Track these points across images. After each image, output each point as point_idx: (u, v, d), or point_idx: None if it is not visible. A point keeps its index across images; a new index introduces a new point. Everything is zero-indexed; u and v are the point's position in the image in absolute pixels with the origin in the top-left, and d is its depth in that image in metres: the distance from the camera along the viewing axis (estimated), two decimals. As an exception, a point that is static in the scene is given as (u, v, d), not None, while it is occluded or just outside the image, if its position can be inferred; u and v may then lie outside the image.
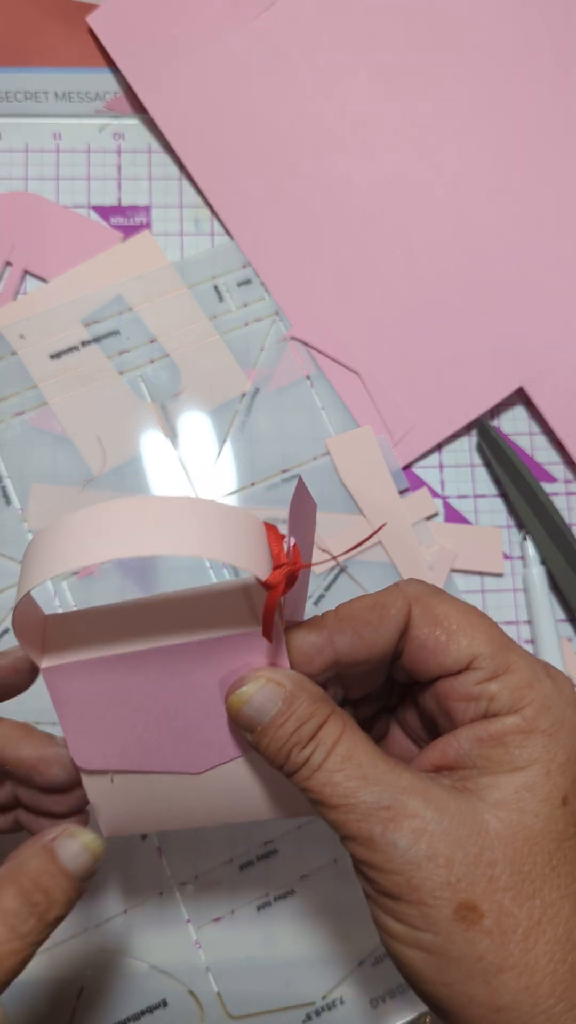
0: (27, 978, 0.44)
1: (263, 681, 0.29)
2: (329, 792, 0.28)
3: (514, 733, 0.29)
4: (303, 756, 0.28)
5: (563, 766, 0.28)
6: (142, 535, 0.26)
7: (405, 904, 0.27)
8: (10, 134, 0.52)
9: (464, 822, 0.27)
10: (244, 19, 0.52)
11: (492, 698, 0.29)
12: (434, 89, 0.52)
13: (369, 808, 0.28)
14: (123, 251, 0.51)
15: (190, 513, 0.27)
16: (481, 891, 0.27)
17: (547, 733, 0.29)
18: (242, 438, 0.50)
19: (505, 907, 0.27)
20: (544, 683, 0.29)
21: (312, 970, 0.45)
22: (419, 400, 0.50)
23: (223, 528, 0.27)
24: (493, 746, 0.29)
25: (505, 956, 0.27)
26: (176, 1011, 0.45)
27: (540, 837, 0.28)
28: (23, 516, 0.48)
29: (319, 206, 0.51)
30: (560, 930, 0.27)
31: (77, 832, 0.31)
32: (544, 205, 0.51)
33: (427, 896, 0.27)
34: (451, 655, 0.30)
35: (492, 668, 0.29)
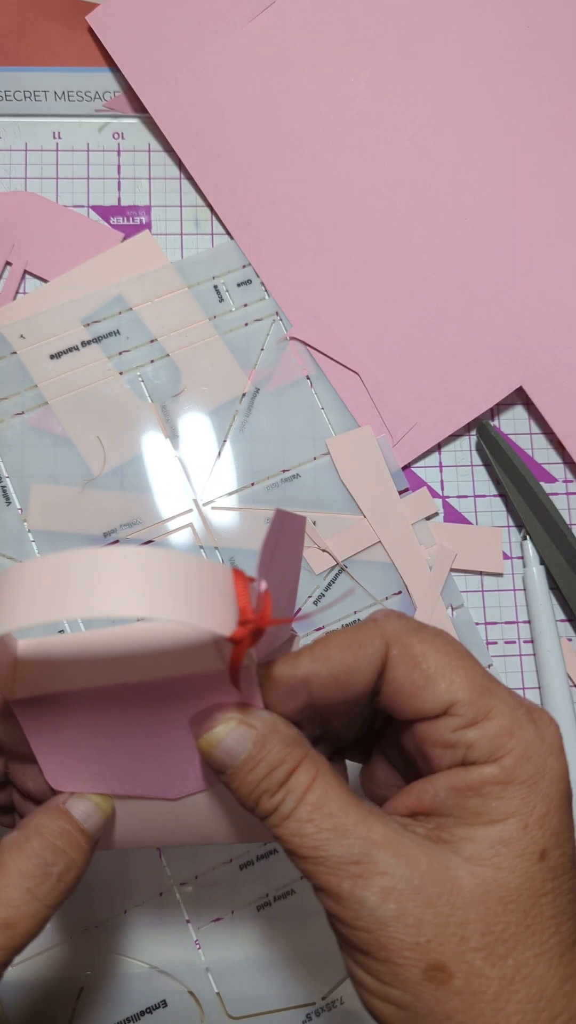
0: (27, 978, 0.44)
1: (233, 724, 0.28)
2: (298, 843, 0.27)
3: (491, 784, 0.27)
4: (272, 803, 0.28)
5: (542, 819, 0.27)
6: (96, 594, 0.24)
7: (374, 960, 0.27)
8: (10, 134, 0.52)
9: (436, 879, 0.27)
10: (244, 19, 0.52)
11: (469, 746, 0.28)
12: (434, 89, 0.52)
13: (338, 862, 0.27)
14: (123, 251, 0.51)
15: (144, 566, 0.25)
16: (451, 952, 0.26)
17: (526, 784, 0.27)
18: (242, 438, 0.50)
19: (476, 967, 0.26)
20: (526, 731, 0.28)
21: (312, 970, 0.45)
22: (419, 400, 0.50)
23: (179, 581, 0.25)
24: (470, 796, 0.28)
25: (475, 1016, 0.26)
26: (176, 1011, 0.45)
27: (515, 894, 0.27)
28: (23, 516, 0.48)
29: (319, 206, 0.51)
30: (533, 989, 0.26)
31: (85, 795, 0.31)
32: (544, 205, 0.51)
33: (395, 955, 0.26)
34: (428, 700, 0.28)
35: (471, 715, 0.28)
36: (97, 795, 0.31)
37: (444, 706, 0.28)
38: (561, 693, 0.48)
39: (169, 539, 0.48)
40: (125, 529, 0.48)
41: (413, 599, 0.49)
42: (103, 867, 0.46)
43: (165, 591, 0.24)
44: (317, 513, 0.49)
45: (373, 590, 0.49)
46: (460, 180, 0.51)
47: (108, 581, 0.24)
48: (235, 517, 0.49)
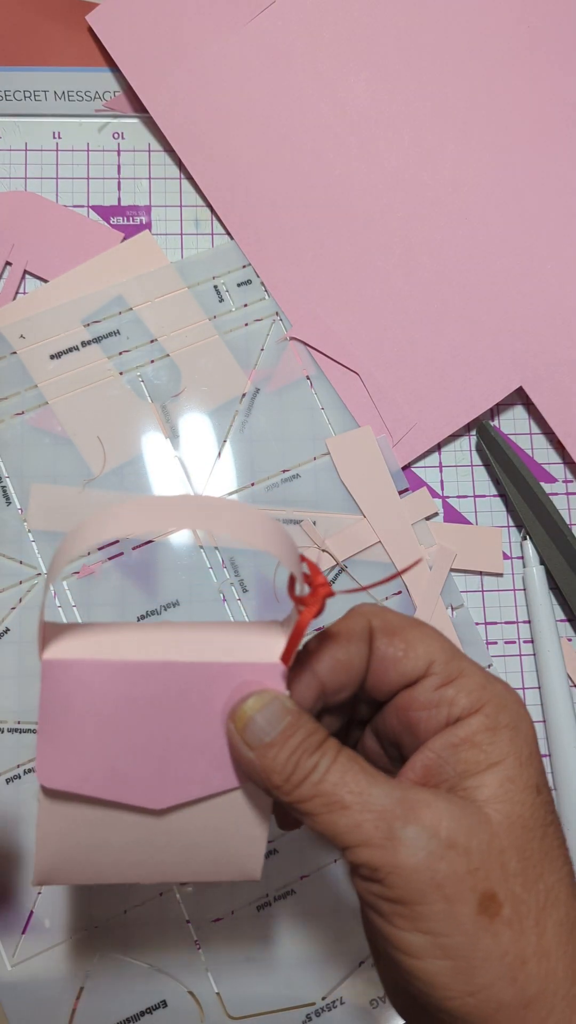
0: (27, 978, 0.44)
1: (271, 696, 0.29)
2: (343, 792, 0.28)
3: (482, 731, 0.30)
4: (312, 762, 0.28)
5: (530, 758, 0.30)
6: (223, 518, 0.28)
7: (424, 906, 0.27)
8: (10, 134, 0.52)
9: (470, 811, 0.28)
10: (244, 18, 0.52)
11: (451, 702, 0.30)
12: (434, 89, 0.52)
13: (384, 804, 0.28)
14: (123, 251, 0.51)
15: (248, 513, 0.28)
16: (497, 879, 0.27)
17: (510, 727, 0.30)
18: (242, 438, 0.50)
19: (517, 894, 0.27)
20: (495, 684, 0.31)
21: (312, 970, 0.45)
22: (419, 400, 0.50)
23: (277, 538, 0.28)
24: (467, 749, 0.29)
25: (524, 945, 0.27)
26: (176, 1011, 0.45)
27: (531, 823, 0.29)
28: (23, 516, 0.48)
29: (319, 206, 0.51)
30: (562, 912, 0.28)
31: None
32: (544, 205, 0.51)
33: (450, 890, 0.27)
34: (410, 663, 0.31)
35: (447, 673, 0.31)
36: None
37: (424, 667, 0.31)
38: (561, 693, 0.48)
39: (169, 539, 0.48)
40: (125, 529, 0.48)
41: (413, 599, 0.49)
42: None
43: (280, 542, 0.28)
44: (317, 513, 0.49)
45: (373, 590, 0.49)
46: (460, 180, 0.51)
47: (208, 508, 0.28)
48: (235, 517, 0.49)
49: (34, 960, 0.45)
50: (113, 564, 0.48)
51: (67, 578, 0.48)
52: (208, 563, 0.48)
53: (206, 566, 0.48)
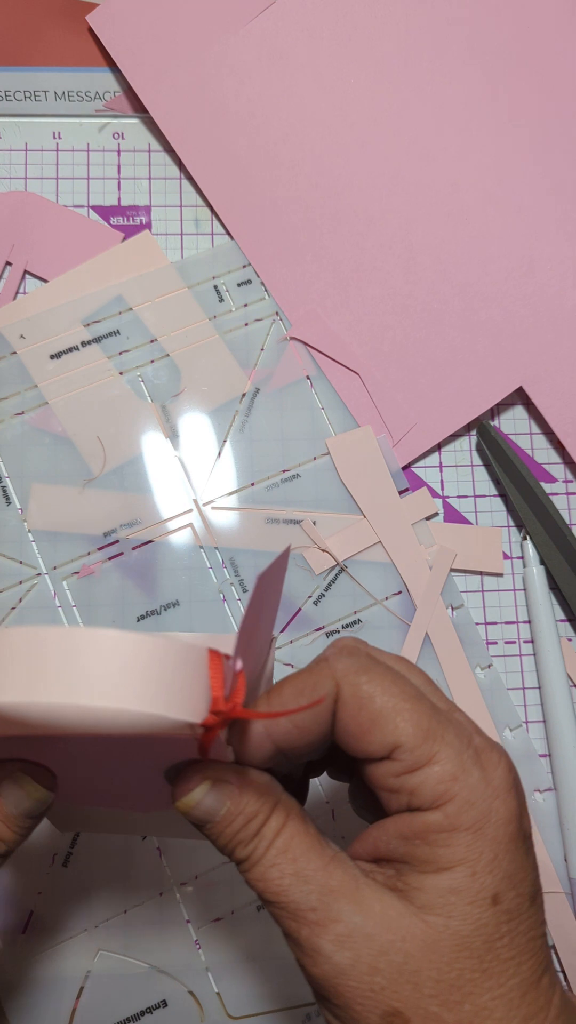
0: (27, 978, 0.44)
1: (208, 785, 0.28)
2: (263, 888, 0.28)
3: (436, 831, 0.27)
4: (245, 852, 0.28)
5: (490, 864, 0.27)
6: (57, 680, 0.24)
7: (336, 1007, 0.27)
8: (10, 134, 0.52)
9: (389, 927, 0.27)
10: (244, 19, 0.52)
11: (412, 792, 0.28)
12: (434, 89, 0.52)
13: (298, 908, 0.27)
14: (123, 251, 0.51)
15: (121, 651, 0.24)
16: (406, 998, 0.27)
17: (471, 830, 0.27)
18: (242, 438, 0.50)
19: (432, 1013, 0.27)
20: (470, 774, 0.28)
21: None
22: (419, 400, 0.50)
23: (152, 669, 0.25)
24: (417, 844, 0.28)
25: None
26: (176, 1011, 0.45)
27: (468, 941, 0.27)
28: (23, 516, 0.48)
29: (319, 206, 0.51)
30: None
31: (21, 779, 0.30)
32: (544, 205, 0.51)
33: (353, 1003, 0.27)
34: (373, 743, 0.28)
35: (412, 760, 0.28)
36: (29, 781, 0.30)
37: (388, 749, 0.28)
38: (561, 693, 0.48)
39: (169, 539, 0.48)
40: (125, 529, 0.48)
41: (413, 599, 0.49)
42: (103, 867, 0.46)
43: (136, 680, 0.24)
44: (317, 513, 0.49)
45: (373, 590, 0.49)
46: (460, 180, 0.51)
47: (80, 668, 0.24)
48: (235, 517, 0.49)
49: (34, 959, 0.45)
50: (113, 564, 0.48)
51: (67, 578, 0.48)
52: (208, 563, 0.48)
53: (206, 566, 0.48)
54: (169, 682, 0.24)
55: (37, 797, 0.30)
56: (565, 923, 0.46)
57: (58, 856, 0.46)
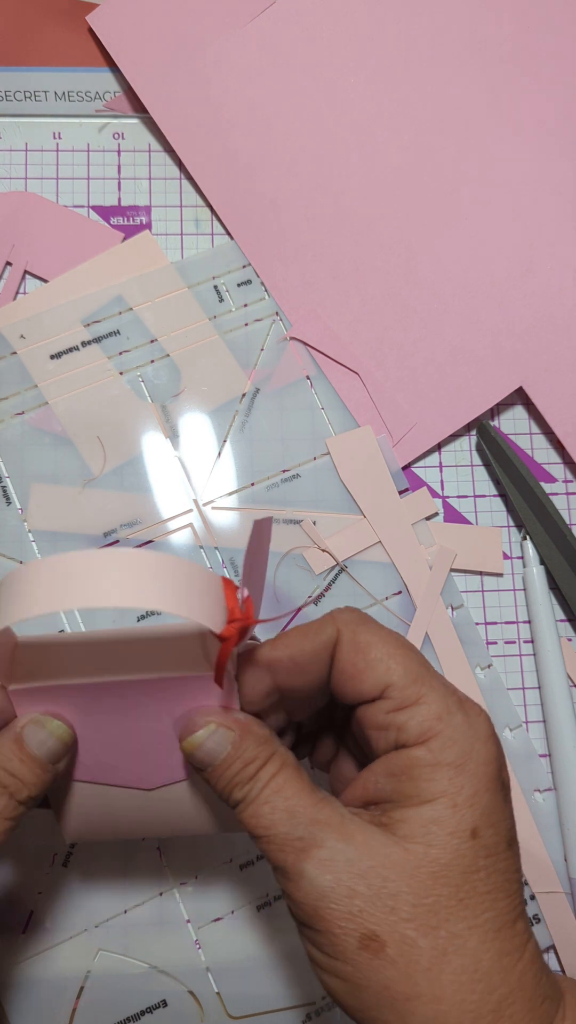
0: (27, 979, 0.44)
1: (213, 727, 0.31)
2: (254, 824, 0.30)
3: (421, 766, 0.29)
4: (242, 793, 0.30)
5: (470, 799, 0.29)
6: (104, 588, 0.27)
7: (317, 933, 0.29)
8: (10, 134, 0.52)
9: (369, 854, 0.29)
10: (244, 18, 0.52)
11: (400, 728, 0.30)
12: (434, 89, 0.52)
13: (286, 839, 0.29)
14: (123, 251, 0.51)
15: (151, 567, 0.28)
16: (382, 922, 0.28)
17: (453, 766, 0.29)
18: (242, 438, 0.50)
19: (408, 937, 0.28)
20: (454, 716, 0.30)
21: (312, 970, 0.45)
22: (419, 400, 0.50)
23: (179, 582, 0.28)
24: (403, 780, 0.30)
25: (411, 985, 0.28)
26: (176, 1011, 0.45)
27: (447, 870, 0.28)
28: (23, 516, 0.48)
29: (319, 206, 0.51)
30: (467, 960, 0.28)
31: (44, 720, 0.32)
32: (544, 205, 0.51)
33: (332, 926, 0.28)
34: (367, 682, 0.31)
35: (402, 699, 0.30)
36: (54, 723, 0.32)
37: (380, 688, 0.31)
38: (561, 693, 0.48)
39: (169, 539, 0.48)
40: (125, 529, 0.48)
41: (413, 599, 0.49)
42: (103, 867, 0.46)
43: (166, 589, 0.27)
44: (317, 513, 0.49)
45: (373, 590, 0.49)
46: (460, 180, 0.51)
47: (112, 578, 0.27)
48: (235, 517, 0.49)
49: (34, 960, 0.45)
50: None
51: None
52: (208, 563, 0.49)
53: (206, 566, 0.48)
54: (190, 593, 0.28)
55: (59, 735, 0.32)
56: (565, 923, 0.46)
57: (58, 856, 0.46)
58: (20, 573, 0.28)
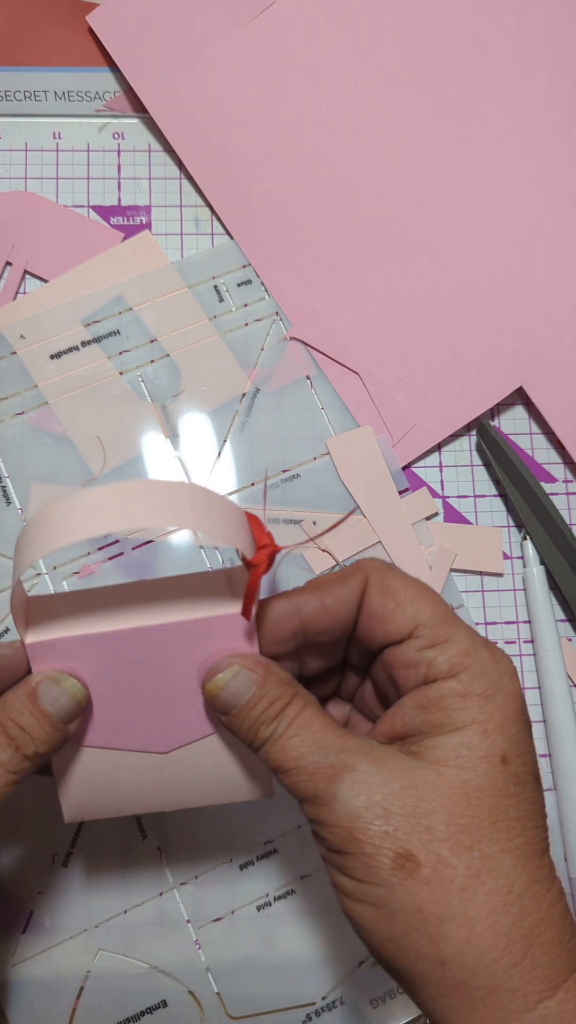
0: (27, 978, 0.44)
1: (237, 668, 0.31)
2: (283, 757, 0.30)
3: (451, 696, 0.30)
4: (268, 731, 0.31)
5: (501, 726, 0.30)
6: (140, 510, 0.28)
7: (349, 856, 0.29)
8: (10, 134, 0.52)
9: (402, 776, 0.29)
10: (244, 19, 0.52)
11: (431, 664, 0.31)
12: (434, 89, 0.52)
13: (316, 767, 0.30)
14: (123, 251, 0.51)
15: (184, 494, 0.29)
16: (418, 840, 0.28)
17: (483, 696, 0.30)
18: (242, 438, 0.50)
19: (443, 856, 0.28)
20: (481, 653, 0.31)
21: (312, 970, 0.45)
22: (419, 400, 0.50)
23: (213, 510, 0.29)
24: (433, 711, 0.30)
25: (445, 906, 0.28)
26: (176, 1012, 0.45)
27: (478, 792, 0.29)
28: (23, 516, 0.48)
29: (319, 206, 0.51)
30: (500, 882, 0.28)
31: (60, 678, 0.32)
32: (544, 205, 0.51)
33: (367, 846, 0.28)
34: (396, 623, 0.32)
35: (432, 637, 0.31)
36: (70, 680, 0.32)
37: (410, 628, 0.32)
38: (561, 693, 0.48)
39: (169, 539, 0.48)
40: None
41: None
42: (103, 867, 0.46)
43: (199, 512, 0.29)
44: (317, 513, 0.49)
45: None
46: (460, 180, 0.51)
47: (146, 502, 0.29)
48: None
49: (34, 960, 0.45)
50: (113, 564, 0.48)
51: (68, 578, 0.48)
52: (208, 563, 0.48)
53: (206, 566, 0.48)
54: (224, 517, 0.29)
55: (73, 694, 0.32)
56: (565, 923, 0.46)
57: (58, 856, 0.46)
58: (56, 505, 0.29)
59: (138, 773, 0.34)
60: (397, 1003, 0.45)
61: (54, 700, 0.31)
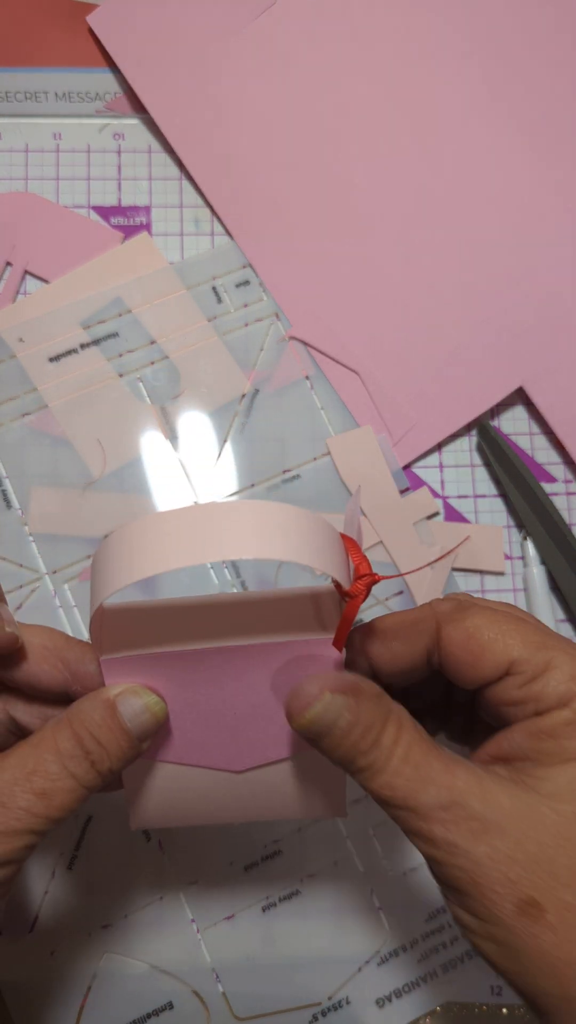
0: (32, 980, 0.44)
1: (328, 698, 0.29)
2: (389, 795, 0.29)
3: (564, 724, 0.29)
4: (366, 762, 0.29)
5: None
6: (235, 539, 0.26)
7: (470, 899, 0.28)
8: (10, 134, 0.51)
9: (521, 819, 0.28)
10: (244, 19, 0.51)
11: (538, 698, 0.29)
12: (434, 89, 0.52)
13: (429, 809, 0.28)
14: (121, 253, 0.51)
15: (279, 518, 0.27)
16: (542, 887, 0.27)
17: None
18: (242, 439, 0.50)
19: (567, 903, 0.27)
20: None
21: (317, 970, 0.46)
22: (419, 400, 0.50)
23: (310, 535, 0.27)
24: (544, 739, 0.29)
25: (570, 950, 0.27)
26: (182, 1013, 0.45)
27: None
28: (23, 519, 0.48)
29: (319, 206, 0.51)
30: None
31: (142, 692, 0.31)
32: (544, 204, 0.51)
33: (489, 892, 0.28)
34: (487, 667, 0.30)
35: (532, 670, 0.30)
36: (151, 696, 0.31)
37: (504, 668, 0.30)
38: (562, 692, 0.48)
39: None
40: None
41: (414, 599, 0.49)
42: (108, 869, 0.46)
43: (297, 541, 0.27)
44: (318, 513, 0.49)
45: (375, 590, 0.49)
46: (460, 180, 0.51)
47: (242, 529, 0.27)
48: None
49: (40, 962, 0.45)
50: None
51: (69, 581, 0.48)
52: (209, 564, 0.48)
53: (207, 567, 0.48)
54: (321, 546, 0.27)
55: (154, 711, 0.30)
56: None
57: (63, 857, 0.45)
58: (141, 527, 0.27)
59: (209, 789, 0.33)
60: (403, 1003, 0.45)
61: (134, 716, 0.30)
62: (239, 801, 0.34)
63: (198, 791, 0.33)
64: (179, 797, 0.33)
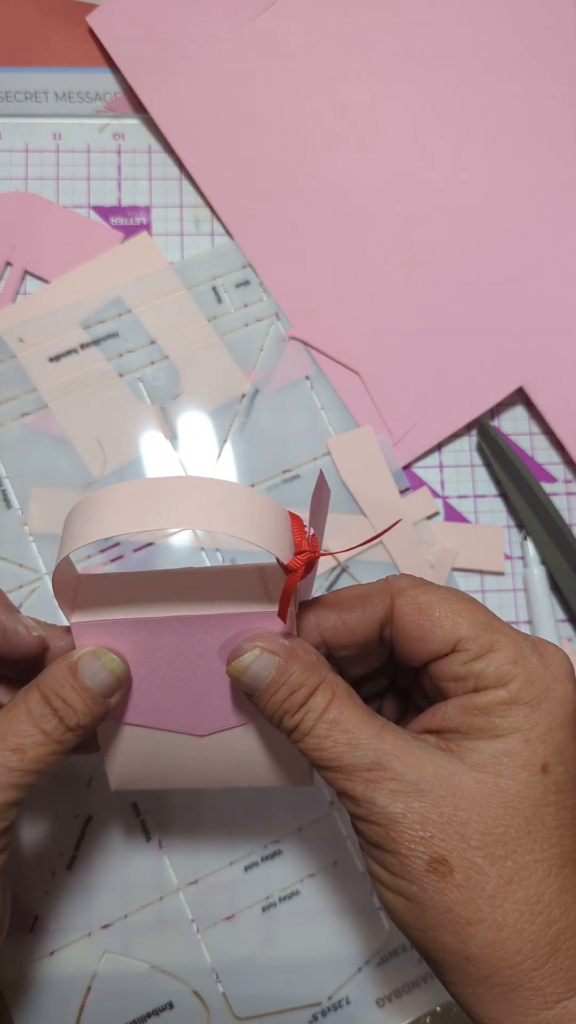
0: (33, 980, 0.44)
1: (258, 652, 0.31)
2: (318, 756, 0.30)
3: (498, 704, 0.30)
4: (294, 722, 0.31)
5: (544, 735, 0.30)
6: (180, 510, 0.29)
7: (385, 853, 0.30)
8: (10, 134, 0.51)
9: (440, 783, 0.29)
10: (244, 19, 0.51)
11: (478, 676, 0.31)
12: (434, 89, 0.52)
13: (353, 770, 0.30)
14: (121, 253, 0.51)
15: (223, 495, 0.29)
16: (453, 848, 0.29)
17: (529, 704, 0.30)
18: (242, 439, 0.50)
19: (476, 864, 0.29)
20: (530, 659, 0.31)
21: (318, 970, 0.46)
22: (419, 400, 0.50)
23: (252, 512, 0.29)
24: (477, 715, 0.30)
25: (474, 910, 0.29)
26: (182, 1013, 0.45)
27: (516, 801, 0.29)
28: (23, 519, 0.48)
29: (319, 206, 0.51)
30: (531, 891, 0.29)
31: (100, 653, 0.32)
32: (544, 204, 0.52)
33: (402, 847, 0.29)
34: (436, 641, 0.31)
35: (476, 649, 0.31)
36: (110, 656, 0.32)
37: (451, 644, 0.31)
38: (562, 692, 0.48)
39: (170, 541, 0.48)
40: (127, 531, 0.48)
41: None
42: (107, 869, 0.46)
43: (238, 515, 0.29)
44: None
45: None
46: (460, 180, 0.51)
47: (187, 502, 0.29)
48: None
49: (40, 962, 0.45)
50: (114, 566, 0.48)
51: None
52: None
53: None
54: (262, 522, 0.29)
55: (112, 668, 0.32)
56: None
57: (63, 857, 0.45)
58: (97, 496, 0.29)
59: (177, 752, 0.35)
60: (403, 1003, 0.45)
61: (94, 675, 0.32)
62: (207, 765, 0.36)
63: (168, 755, 0.35)
64: (151, 760, 0.36)
